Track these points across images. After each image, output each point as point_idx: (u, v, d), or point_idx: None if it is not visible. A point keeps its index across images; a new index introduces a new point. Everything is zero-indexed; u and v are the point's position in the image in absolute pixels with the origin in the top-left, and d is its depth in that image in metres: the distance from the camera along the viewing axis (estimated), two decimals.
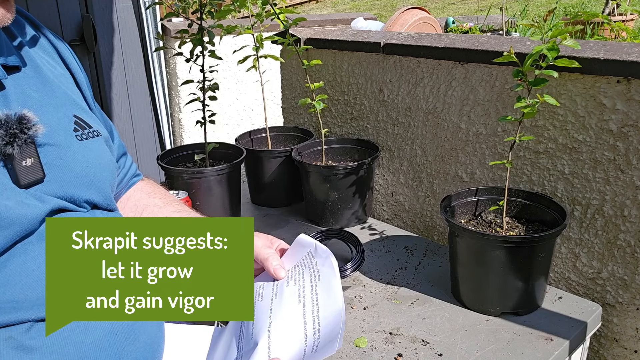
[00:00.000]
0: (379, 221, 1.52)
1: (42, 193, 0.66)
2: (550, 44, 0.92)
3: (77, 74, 0.84)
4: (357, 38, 1.53)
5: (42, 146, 0.68)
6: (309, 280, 0.75)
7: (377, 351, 0.98)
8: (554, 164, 1.16)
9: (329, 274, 0.74)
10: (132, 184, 0.99)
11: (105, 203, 0.77)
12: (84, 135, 0.75)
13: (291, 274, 0.79)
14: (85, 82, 0.86)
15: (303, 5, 10.13)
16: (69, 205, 0.70)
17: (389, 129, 1.52)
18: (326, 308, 0.70)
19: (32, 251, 0.63)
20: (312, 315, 0.70)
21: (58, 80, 0.77)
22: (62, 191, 0.69)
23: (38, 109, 0.69)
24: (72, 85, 0.82)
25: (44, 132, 0.67)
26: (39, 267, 0.63)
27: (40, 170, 0.66)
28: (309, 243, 0.81)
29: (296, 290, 0.74)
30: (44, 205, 0.65)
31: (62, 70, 0.81)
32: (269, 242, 0.86)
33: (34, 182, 0.66)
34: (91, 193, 0.74)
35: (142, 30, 2.70)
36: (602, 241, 1.12)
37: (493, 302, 1.05)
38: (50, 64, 0.79)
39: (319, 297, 0.72)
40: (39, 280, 0.63)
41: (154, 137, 2.89)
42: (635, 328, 1.11)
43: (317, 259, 0.78)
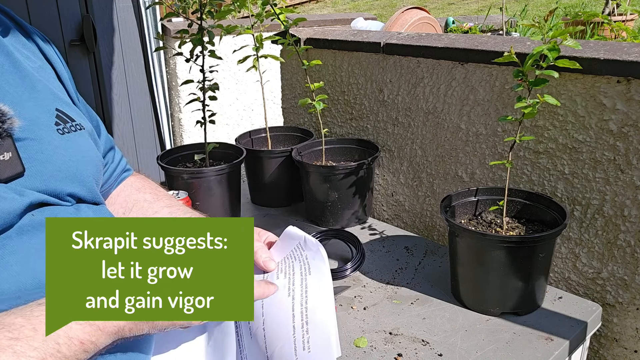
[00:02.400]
0: (379, 221, 1.52)
1: (22, 187, 0.65)
2: (551, 44, 0.92)
3: (58, 67, 0.83)
4: (357, 38, 1.53)
5: (22, 140, 0.67)
6: (299, 274, 0.74)
7: (377, 351, 0.98)
8: (554, 164, 1.16)
9: (320, 266, 0.74)
10: (123, 179, 0.98)
11: (90, 196, 0.76)
12: (65, 129, 0.74)
13: (280, 267, 0.78)
14: (68, 76, 0.85)
15: (303, 5, 10.13)
16: (51, 199, 0.69)
17: (389, 129, 1.52)
18: (316, 301, 0.70)
19: (11, 246, 0.62)
20: (301, 307, 0.69)
21: (38, 74, 0.76)
22: (44, 185, 0.68)
23: (17, 103, 0.68)
24: (54, 79, 0.81)
25: (22, 126, 0.66)
26: (17, 261, 0.62)
27: (19, 164, 0.65)
28: (298, 235, 0.81)
29: (286, 284, 0.73)
30: (23, 199, 0.64)
31: (43, 64, 0.81)
32: (257, 234, 0.85)
33: (13, 176, 0.65)
34: (74, 187, 0.73)
35: (142, 30, 2.70)
36: (602, 241, 1.12)
37: (493, 302, 1.05)
38: (30, 59, 0.78)
39: (309, 290, 0.71)
40: (17, 275, 0.61)
41: (154, 137, 2.89)
42: (635, 328, 1.11)
43: (307, 252, 0.77)
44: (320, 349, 0.68)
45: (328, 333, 0.69)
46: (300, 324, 0.68)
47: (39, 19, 2.33)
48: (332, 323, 0.69)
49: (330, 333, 0.69)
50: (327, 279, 0.73)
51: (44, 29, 2.35)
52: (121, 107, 2.72)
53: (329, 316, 0.69)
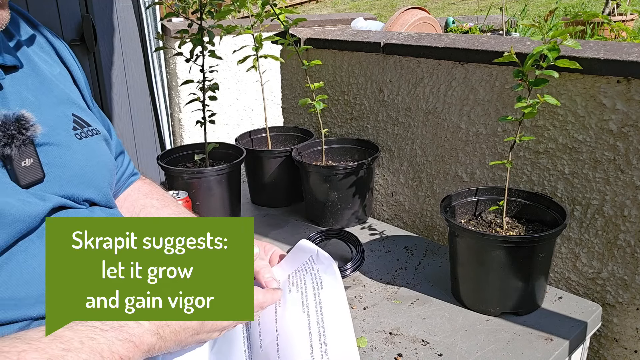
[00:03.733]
0: (379, 221, 1.52)
1: (42, 192, 0.66)
2: (551, 44, 0.92)
3: (75, 72, 0.84)
4: (357, 38, 1.53)
5: (42, 146, 0.68)
6: (312, 288, 0.73)
7: (377, 351, 0.98)
8: (554, 164, 1.16)
9: (332, 282, 0.73)
10: (130, 183, 0.98)
11: (105, 201, 0.77)
12: (83, 134, 0.75)
13: (292, 280, 0.77)
14: (84, 81, 0.85)
15: (303, 5, 10.13)
16: (69, 202, 0.70)
17: (389, 129, 1.52)
18: (333, 320, 0.68)
19: (33, 249, 0.63)
20: (317, 326, 0.68)
21: (56, 79, 0.77)
22: (62, 190, 0.69)
23: (37, 108, 0.69)
24: (71, 84, 0.82)
25: (42, 132, 0.67)
26: (39, 264, 0.63)
27: (39, 170, 0.66)
28: (310, 249, 0.80)
29: (299, 298, 0.72)
30: (46, 203, 0.65)
31: (60, 68, 0.81)
32: (262, 249, 0.85)
33: (34, 182, 0.66)
34: (90, 192, 0.74)
35: (142, 30, 2.70)
36: (602, 241, 1.12)
37: (493, 302, 1.05)
38: (48, 63, 0.79)
39: (324, 307, 0.70)
40: (40, 277, 0.63)
41: (154, 137, 2.89)
42: (635, 328, 1.11)
43: (319, 266, 0.76)
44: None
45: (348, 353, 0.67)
46: (318, 344, 0.66)
47: (39, 19, 2.30)
48: (352, 343, 0.67)
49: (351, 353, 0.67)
50: (342, 295, 0.71)
51: None
52: (121, 107, 2.72)
53: (348, 336, 0.67)
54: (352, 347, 0.67)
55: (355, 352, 0.67)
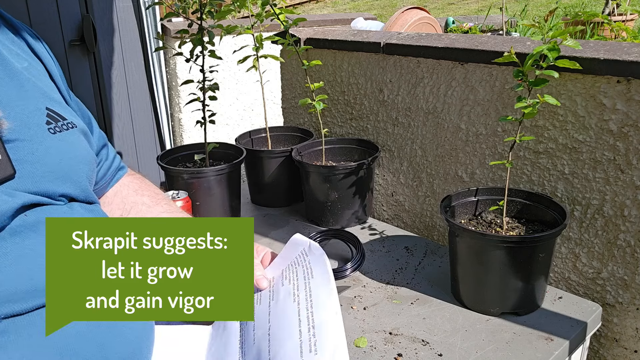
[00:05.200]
0: (379, 221, 1.52)
1: (12, 189, 0.64)
2: (551, 44, 0.92)
3: (49, 64, 0.81)
4: (357, 38, 1.53)
5: (12, 142, 0.66)
6: (303, 278, 0.74)
7: (377, 351, 0.98)
8: (554, 164, 1.16)
9: (322, 269, 0.74)
10: (118, 177, 0.96)
11: (83, 196, 0.75)
12: (57, 128, 0.73)
13: (285, 274, 0.78)
14: (59, 73, 0.83)
15: (303, 5, 10.13)
16: (43, 199, 0.68)
17: (389, 129, 1.52)
18: (321, 303, 0.69)
19: (4, 247, 0.62)
20: (307, 312, 0.69)
21: (28, 72, 0.75)
22: (35, 186, 0.67)
23: (6, 103, 0.67)
24: (45, 77, 0.79)
25: (12, 127, 0.65)
26: (11, 263, 0.61)
27: (9, 166, 0.64)
28: (303, 242, 0.81)
29: (291, 289, 0.73)
30: (14, 200, 0.63)
31: (33, 61, 0.79)
32: (254, 251, 0.85)
33: (4, 179, 0.64)
34: (67, 187, 0.71)
35: (142, 30, 2.70)
36: (602, 241, 1.12)
37: (493, 302, 1.05)
38: (19, 56, 0.76)
39: (313, 294, 0.71)
40: (10, 277, 0.61)
41: (154, 137, 2.89)
42: (635, 328, 1.11)
43: (310, 257, 0.78)
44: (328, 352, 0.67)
45: (334, 335, 0.67)
46: (306, 328, 0.67)
47: (39, 19, 2.33)
48: (338, 325, 0.68)
49: (337, 335, 0.67)
50: (330, 280, 0.72)
51: (44, 29, 2.35)
52: (121, 107, 2.72)
53: (335, 317, 0.68)
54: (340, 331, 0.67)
55: (342, 335, 0.67)
